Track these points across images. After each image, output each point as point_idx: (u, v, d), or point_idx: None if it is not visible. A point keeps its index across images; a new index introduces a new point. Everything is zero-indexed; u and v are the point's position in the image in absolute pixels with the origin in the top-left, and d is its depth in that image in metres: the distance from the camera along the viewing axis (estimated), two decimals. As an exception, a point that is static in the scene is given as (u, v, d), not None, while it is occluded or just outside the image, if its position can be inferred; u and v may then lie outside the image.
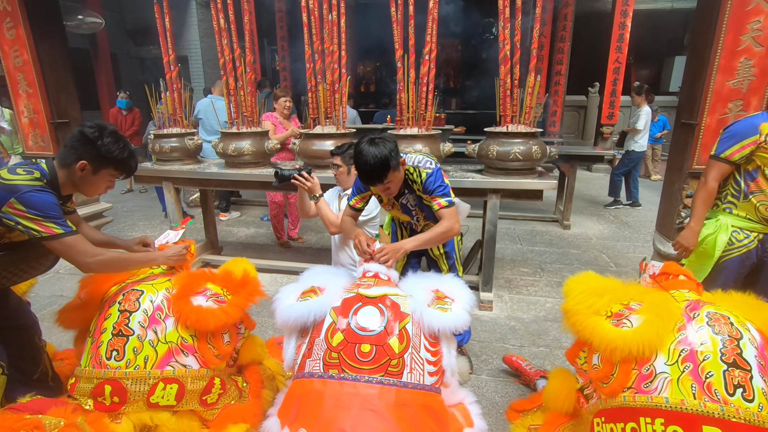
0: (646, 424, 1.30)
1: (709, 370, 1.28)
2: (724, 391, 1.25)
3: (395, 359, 1.42)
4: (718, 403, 1.24)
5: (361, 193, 2.06)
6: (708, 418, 1.23)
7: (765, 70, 2.52)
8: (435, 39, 2.84)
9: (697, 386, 1.27)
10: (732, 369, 1.27)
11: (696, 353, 1.32)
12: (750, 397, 1.24)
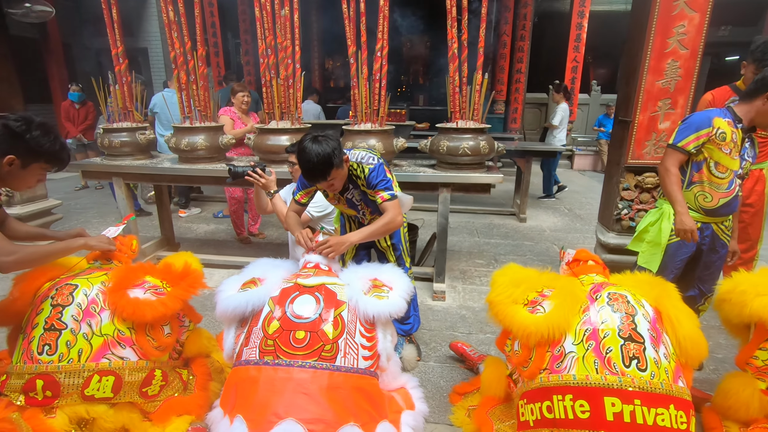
0: (558, 401, 1.41)
1: (609, 346, 1.40)
2: (621, 363, 1.37)
3: (329, 344, 1.48)
4: (617, 375, 1.36)
5: (306, 188, 2.10)
6: (608, 390, 1.36)
7: (690, 71, 2.72)
8: (386, 36, 2.90)
9: (599, 362, 1.40)
10: (628, 343, 1.40)
11: (598, 331, 1.44)
12: (643, 367, 1.37)
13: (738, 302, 1.73)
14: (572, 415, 1.38)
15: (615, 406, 1.34)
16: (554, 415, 1.43)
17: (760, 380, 1.76)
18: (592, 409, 1.36)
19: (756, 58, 2.36)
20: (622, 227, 3.06)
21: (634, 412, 1.33)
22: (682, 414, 1.36)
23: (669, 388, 1.38)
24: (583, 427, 1.36)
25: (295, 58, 3.08)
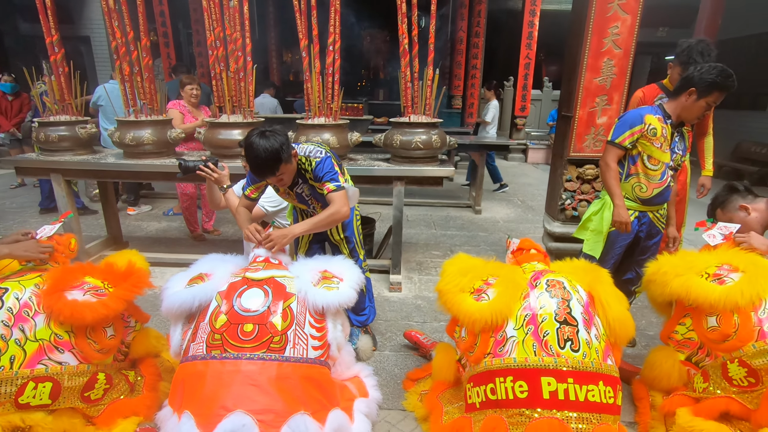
0: (500, 383, 1.51)
1: (546, 329, 1.51)
2: (557, 345, 1.48)
3: (278, 336, 1.50)
4: (553, 357, 1.47)
5: (255, 183, 2.09)
6: (544, 370, 1.46)
7: (623, 69, 2.90)
8: (338, 31, 2.90)
9: (537, 345, 1.50)
10: (563, 326, 1.51)
11: (536, 316, 1.54)
12: (576, 348, 1.48)
13: (661, 282, 1.89)
14: (512, 396, 1.48)
15: (551, 385, 1.44)
16: (497, 396, 1.52)
17: (680, 352, 1.93)
18: (530, 388, 1.46)
19: (681, 60, 2.56)
20: (566, 216, 3.24)
21: (567, 390, 1.44)
22: (610, 389, 1.49)
23: (599, 366, 1.50)
24: (522, 406, 1.46)
25: (246, 50, 3.02)
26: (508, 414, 1.49)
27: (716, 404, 1.71)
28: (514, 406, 1.48)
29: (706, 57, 2.47)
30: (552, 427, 1.40)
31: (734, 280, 1.73)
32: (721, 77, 1.95)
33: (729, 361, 1.69)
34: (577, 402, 1.43)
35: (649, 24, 9.61)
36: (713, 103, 2.04)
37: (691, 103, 2.06)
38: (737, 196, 2.08)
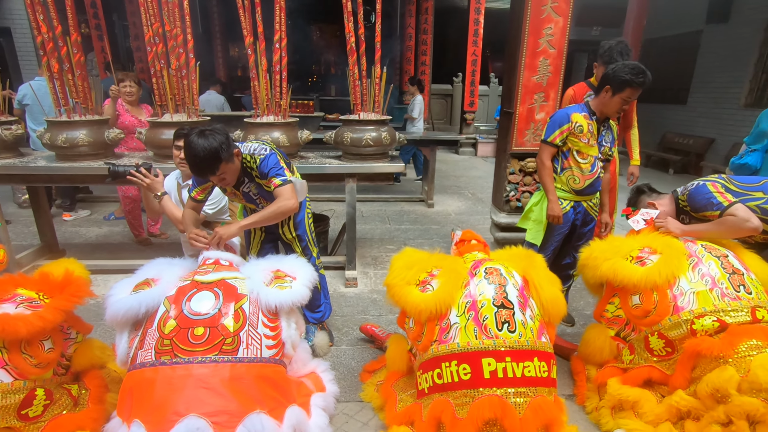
0: (446, 367, 1.60)
1: (485, 314, 1.62)
2: (495, 328, 1.59)
3: (230, 338, 1.50)
4: (492, 339, 1.58)
5: (201, 185, 2.05)
6: (485, 352, 1.57)
7: (558, 68, 3.10)
8: (284, 28, 2.87)
9: (478, 329, 1.60)
10: (501, 310, 1.63)
11: (476, 302, 1.65)
12: (513, 329, 1.60)
13: (592, 266, 2.07)
14: (457, 378, 1.58)
15: (491, 365, 1.56)
16: (443, 380, 1.62)
17: (610, 329, 2.12)
18: (472, 370, 1.56)
19: (604, 60, 2.76)
20: (511, 207, 3.42)
21: (506, 368, 1.56)
22: (544, 364, 1.62)
23: (534, 344, 1.63)
24: (466, 387, 1.57)
25: (187, 47, 2.92)
26: (454, 396, 1.58)
27: (640, 373, 1.90)
28: (459, 388, 1.58)
29: (625, 57, 2.68)
30: (492, 403, 1.51)
31: (653, 261, 1.93)
32: (632, 75, 2.14)
33: (650, 334, 1.89)
34: (514, 378, 1.55)
35: (584, 24, 10.23)
36: (628, 98, 2.22)
37: (608, 99, 2.26)
38: (644, 196, 2.31)
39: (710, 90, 7.95)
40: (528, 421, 1.50)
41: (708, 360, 1.69)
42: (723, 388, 1.60)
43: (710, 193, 2.01)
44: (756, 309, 1.74)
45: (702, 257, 1.90)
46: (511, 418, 1.49)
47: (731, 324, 1.71)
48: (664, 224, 2.12)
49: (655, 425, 1.76)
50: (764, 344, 1.64)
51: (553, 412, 1.56)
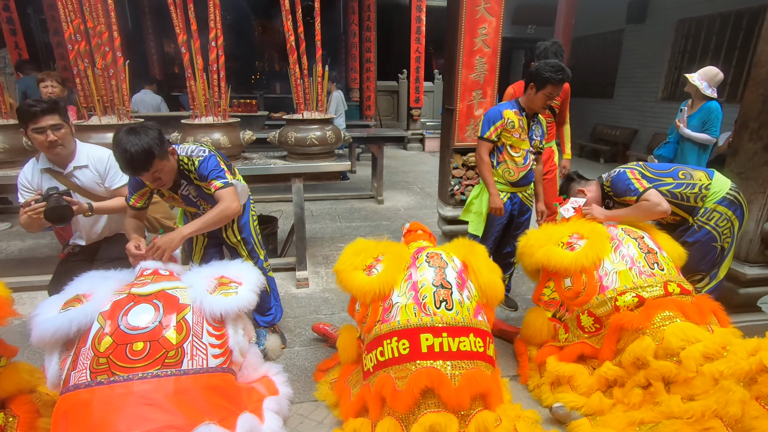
0: (387, 344, 1.68)
1: (424, 293, 1.72)
2: (433, 306, 1.69)
3: (173, 350, 1.45)
4: (430, 316, 1.68)
5: (138, 190, 1.95)
6: (423, 328, 1.67)
7: (493, 66, 3.24)
8: (220, 25, 2.78)
9: (417, 307, 1.70)
10: (439, 290, 1.73)
11: (416, 283, 1.75)
12: (450, 307, 1.71)
13: (529, 254, 2.21)
14: (397, 354, 1.67)
15: (428, 340, 1.65)
16: (385, 356, 1.70)
17: (547, 311, 2.28)
18: (411, 345, 1.65)
19: (540, 59, 2.93)
20: (456, 201, 3.54)
21: (442, 343, 1.65)
22: (480, 340, 1.73)
23: (469, 321, 1.73)
24: (405, 361, 1.65)
25: (114, 45, 2.75)
26: (395, 370, 1.66)
27: (574, 349, 2.06)
28: (399, 363, 1.66)
29: (559, 57, 2.86)
30: (430, 374, 1.59)
31: (581, 246, 2.10)
32: (552, 73, 2.30)
33: (581, 313, 2.06)
34: (450, 352, 1.65)
35: (519, 22, 10.73)
36: (550, 94, 2.38)
37: (533, 95, 2.42)
38: (574, 183, 2.49)
39: (632, 85, 8.63)
40: (462, 390, 1.58)
41: (629, 332, 1.87)
42: (642, 356, 1.78)
43: (629, 179, 2.20)
44: (667, 283, 1.95)
45: (622, 240, 2.09)
46: (446, 388, 1.57)
47: (647, 298, 1.90)
48: (589, 211, 2.30)
49: (588, 395, 1.92)
50: (675, 314, 1.84)
51: (487, 383, 1.65)
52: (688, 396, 1.63)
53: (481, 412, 1.61)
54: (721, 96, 6.94)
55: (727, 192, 2.16)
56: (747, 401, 1.44)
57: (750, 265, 2.44)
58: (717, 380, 1.55)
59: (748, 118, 2.37)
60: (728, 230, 2.19)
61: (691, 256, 2.20)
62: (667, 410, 1.64)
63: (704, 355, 1.65)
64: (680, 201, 2.19)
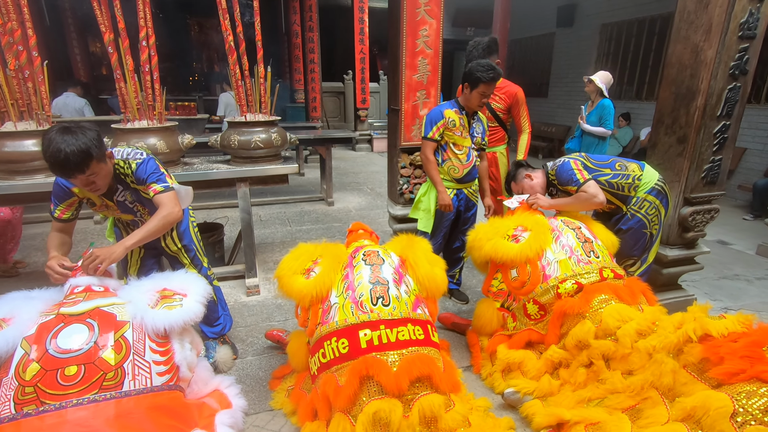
0: (328, 345, 1.68)
1: (361, 291, 1.74)
2: (370, 303, 1.72)
3: (111, 372, 1.35)
4: (367, 313, 1.70)
5: (64, 200, 1.79)
6: (360, 325, 1.68)
7: (435, 67, 3.32)
8: (150, 24, 2.63)
9: (354, 306, 1.72)
10: (375, 286, 1.75)
11: (353, 282, 1.77)
12: (387, 303, 1.73)
13: (477, 247, 2.29)
14: (338, 353, 1.67)
15: (366, 335, 1.66)
16: (327, 358, 1.70)
17: (496, 301, 2.37)
18: (350, 343, 1.66)
19: (473, 58, 3.04)
20: (405, 200, 3.59)
21: (380, 336, 1.67)
22: (419, 328, 1.75)
23: (407, 314, 1.76)
24: (346, 359, 1.65)
25: (29, 44, 2.51)
26: (336, 369, 1.66)
27: (522, 337, 2.17)
28: (340, 362, 1.66)
29: (493, 52, 2.96)
30: (367, 362, 1.59)
31: (525, 238, 2.20)
32: (483, 72, 2.41)
33: (527, 301, 2.16)
34: (389, 343, 1.66)
35: (459, 25, 11.09)
36: (484, 93, 2.48)
37: (468, 94, 2.53)
38: (522, 169, 2.62)
39: (564, 84, 9.21)
40: (401, 374, 1.58)
41: (571, 317, 1.99)
42: (584, 339, 1.91)
43: (572, 170, 2.34)
44: (603, 269, 2.10)
45: (562, 230, 2.22)
46: (385, 374, 1.57)
47: (585, 284, 2.03)
48: (536, 200, 2.43)
49: (537, 379, 2.03)
50: (610, 297, 1.99)
51: (429, 365, 1.64)
52: (627, 371, 1.77)
53: (426, 395, 1.61)
54: (640, 95, 7.60)
55: (655, 183, 2.37)
56: (677, 370, 1.58)
57: (671, 248, 2.68)
58: (651, 354, 1.69)
59: (663, 114, 2.60)
60: (656, 218, 2.39)
61: (625, 242, 2.39)
62: (611, 386, 1.76)
63: (637, 332, 1.79)
64: (616, 190, 2.37)
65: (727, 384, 1.40)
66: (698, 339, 1.56)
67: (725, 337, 1.50)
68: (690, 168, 2.50)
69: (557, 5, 8.86)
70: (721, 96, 2.38)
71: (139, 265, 2.15)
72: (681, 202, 2.58)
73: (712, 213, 2.64)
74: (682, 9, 2.46)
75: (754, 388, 1.32)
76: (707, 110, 2.39)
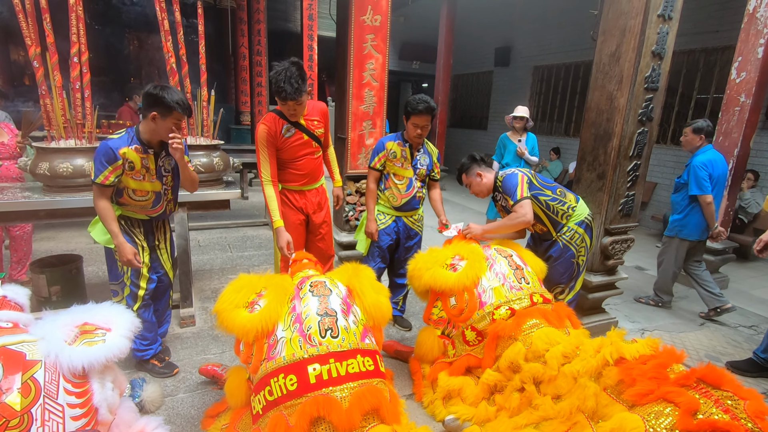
0: (274, 382, 1.60)
1: (309, 324, 1.67)
2: (318, 336, 1.65)
3: (16, 418, 1.21)
4: (315, 347, 1.63)
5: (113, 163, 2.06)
6: (309, 359, 1.60)
7: (381, 99, 3.45)
8: (84, 40, 2.51)
9: (302, 339, 1.65)
10: (324, 318, 1.70)
11: (300, 315, 1.71)
12: (335, 335, 1.68)
13: (417, 276, 2.34)
14: (285, 390, 1.58)
15: (316, 370, 1.59)
16: (274, 395, 1.60)
17: (437, 329, 2.43)
18: (298, 379, 1.58)
19: (274, 90, 2.32)
20: (351, 227, 3.62)
21: (330, 370, 1.61)
22: (369, 359, 1.73)
23: (356, 345, 1.72)
24: (294, 397, 1.57)
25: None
26: (285, 407, 1.58)
27: (461, 363, 2.23)
28: (288, 399, 1.58)
29: (294, 84, 2.24)
30: (317, 403, 1.53)
31: (462, 266, 2.30)
32: (415, 104, 2.55)
33: (465, 328, 2.24)
34: (339, 377, 1.61)
35: (405, 58, 11.59)
36: (419, 124, 2.59)
37: (407, 125, 2.67)
38: (476, 165, 2.69)
39: (501, 119, 9.85)
40: (352, 410, 1.55)
41: (504, 340, 2.09)
42: (515, 360, 2.00)
43: (516, 184, 2.48)
44: (533, 295, 2.23)
45: (495, 259, 2.34)
46: (337, 412, 1.53)
47: (518, 309, 2.15)
48: (469, 231, 2.55)
49: (476, 405, 2.08)
50: (540, 321, 2.11)
51: (378, 397, 1.63)
52: (555, 395, 1.87)
53: (374, 427, 1.59)
54: (568, 131, 8.31)
55: (585, 216, 2.58)
56: (598, 393, 1.70)
57: (594, 274, 2.92)
58: (575, 378, 1.81)
59: (585, 152, 2.88)
60: (583, 249, 2.60)
61: (554, 270, 2.56)
62: (543, 413, 1.84)
63: (563, 354, 1.91)
64: (551, 213, 2.55)
65: (639, 405, 1.53)
66: (614, 362, 1.69)
67: (636, 359, 1.64)
68: (609, 201, 2.77)
69: (495, 47, 9.57)
70: (632, 138, 2.69)
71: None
72: (602, 233, 2.84)
73: (629, 242, 2.92)
74: (599, 61, 2.77)
75: (660, 409, 1.45)
76: (621, 150, 2.68)
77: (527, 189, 2.49)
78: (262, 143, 2.39)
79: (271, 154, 2.42)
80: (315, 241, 2.74)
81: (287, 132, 2.43)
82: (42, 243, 4.26)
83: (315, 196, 2.68)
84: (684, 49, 6.05)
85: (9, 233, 3.22)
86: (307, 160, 2.54)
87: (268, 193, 2.43)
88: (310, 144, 2.52)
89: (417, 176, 2.79)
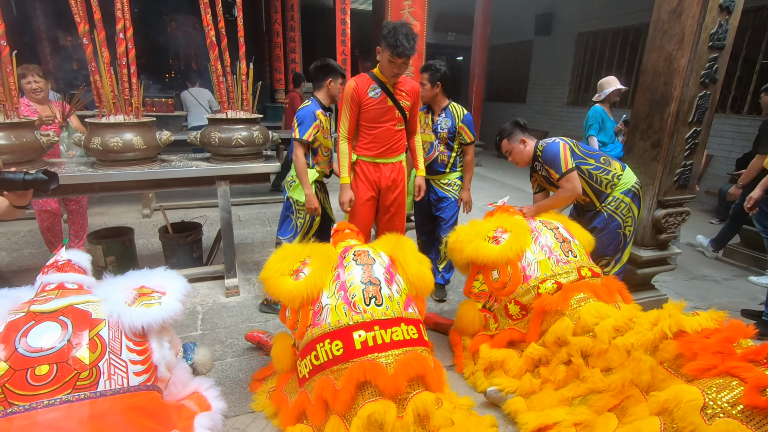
0: (320, 348, 1.65)
1: (353, 292, 1.71)
2: (363, 303, 1.69)
3: (86, 371, 1.30)
4: (360, 314, 1.67)
5: (313, 123, 2.56)
6: (355, 326, 1.66)
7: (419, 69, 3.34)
8: (128, 15, 2.55)
9: (347, 306, 1.69)
10: (368, 286, 1.73)
11: (345, 282, 1.74)
12: (380, 303, 1.71)
13: (458, 249, 2.31)
14: (331, 356, 1.64)
15: (361, 337, 1.64)
16: (320, 360, 1.66)
17: (478, 302, 2.39)
18: (344, 345, 1.63)
19: (389, 44, 2.29)
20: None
21: (375, 337, 1.65)
22: (412, 327, 1.76)
23: (399, 314, 1.76)
24: (340, 362, 1.62)
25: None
26: (331, 371, 1.63)
27: (504, 336, 2.19)
28: (334, 364, 1.63)
29: (411, 41, 2.28)
30: (363, 367, 1.58)
31: (506, 239, 2.23)
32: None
33: (508, 302, 2.19)
34: (384, 344, 1.65)
35: (440, 30, 11.21)
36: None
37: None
38: (519, 131, 2.56)
39: (542, 91, 9.43)
40: (398, 375, 1.58)
41: (551, 315, 2.03)
42: (563, 336, 1.94)
43: (558, 154, 2.37)
44: (581, 269, 2.15)
45: (540, 231, 2.26)
46: (383, 377, 1.56)
47: (565, 283, 2.07)
48: (522, 212, 2.48)
49: (519, 377, 2.05)
50: (588, 296, 2.03)
51: (423, 364, 1.66)
52: (605, 368, 1.80)
53: (419, 393, 1.62)
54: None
55: (632, 185, 2.44)
56: (655, 367, 1.63)
57: (645, 249, 2.77)
58: (629, 351, 1.73)
59: (638, 120, 2.70)
60: (630, 219, 2.47)
61: (600, 242, 2.45)
62: (592, 385, 1.79)
63: (615, 328, 1.84)
64: (594, 183, 2.43)
65: (700, 379, 1.46)
66: (673, 335, 1.61)
67: (698, 333, 1.55)
68: (663, 172, 2.60)
69: (535, 13, 9.08)
70: (693, 103, 2.48)
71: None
72: (654, 205, 2.67)
73: (684, 215, 2.74)
74: (657, 19, 2.55)
75: (724, 382, 1.37)
76: (680, 116, 2.49)
77: (571, 160, 2.37)
78: (347, 98, 2.47)
79: (353, 113, 2.49)
80: (385, 220, 2.73)
81: (372, 91, 2.45)
82: (96, 218, 4.51)
83: (391, 171, 2.62)
84: (749, 6, 5.50)
85: (66, 207, 3.42)
86: (387, 129, 2.52)
87: (341, 149, 2.54)
88: (392, 112, 2.50)
89: (439, 140, 2.77)
